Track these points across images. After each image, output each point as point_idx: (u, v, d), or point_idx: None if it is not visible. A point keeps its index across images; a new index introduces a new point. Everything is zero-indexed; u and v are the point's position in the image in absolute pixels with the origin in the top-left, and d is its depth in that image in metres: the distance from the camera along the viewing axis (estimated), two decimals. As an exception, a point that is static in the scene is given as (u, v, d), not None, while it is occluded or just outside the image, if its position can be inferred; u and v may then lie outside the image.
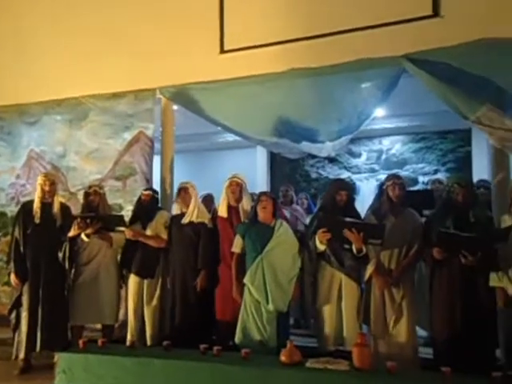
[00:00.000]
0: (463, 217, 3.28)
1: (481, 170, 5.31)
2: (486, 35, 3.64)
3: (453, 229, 3.24)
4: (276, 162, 7.45)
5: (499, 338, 3.30)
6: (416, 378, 2.88)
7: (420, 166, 6.76)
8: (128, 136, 4.85)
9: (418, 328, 3.55)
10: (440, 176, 6.23)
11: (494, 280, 3.12)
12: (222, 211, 3.96)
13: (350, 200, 3.71)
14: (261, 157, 7.37)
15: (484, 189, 4.18)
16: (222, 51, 4.64)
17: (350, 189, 3.81)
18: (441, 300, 3.33)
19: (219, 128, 4.81)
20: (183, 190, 4.05)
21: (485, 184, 4.27)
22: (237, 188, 3.91)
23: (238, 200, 3.94)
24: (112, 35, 5.11)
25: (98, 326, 4.21)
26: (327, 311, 3.58)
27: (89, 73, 5.14)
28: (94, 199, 4.09)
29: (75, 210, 4.31)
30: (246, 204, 3.94)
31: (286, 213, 4.86)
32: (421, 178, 6.70)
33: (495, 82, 3.54)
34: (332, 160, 7.11)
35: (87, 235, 3.95)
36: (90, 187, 4.17)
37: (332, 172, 7.24)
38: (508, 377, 2.69)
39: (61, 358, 3.33)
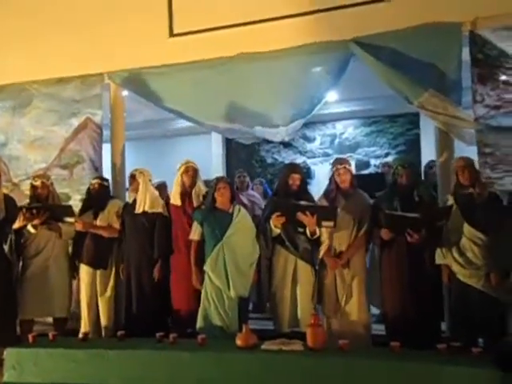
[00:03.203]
0: (408, 197, 3.41)
1: (429, 151, 5.49)
2: (431, 20, 3.73)
3: (400, 209, 3.36)
4: (231, 147, 7.42)
5: (444, 312, 3.46)
6: (367, 354, 2.98)
7: (372, 149, 6.92)
8: (75, 123, 4.68)
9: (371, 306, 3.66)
10: (391, 159, 6.42)
11: (440, 257, 3.27)
12: (176, 199, 3.91)
13: (303, 184, 3.75)
14: (216, 143, 7.32)
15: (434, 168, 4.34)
16: (172, 35, 4.54)
17: (302, 172, 3.83)
18: (390, 278, 3.46)
19: (172, 114, 4.73)
20: (132, 178, 3.98)
21: (435, 164, 4.43)
22: (194, 173, 3.89)
23: (192, 186, 3.90)
24: (57, 18, 4.90)
25: (50, 319, 4.09)
26: (282, 294, 3.62)
27: (32, 57, 4.92)
28: (41, 192, 3.96)
29: (19, 201, 4.10)
30: (199, 190, 3.92)
31: (243, 198, 4.87)
32: (373, 161, 6.87)
33: (438, 67, 3.65)
34: (287, 145, 7.15)
35: (34, 226, 3.81)
36: (35, 179, 4.00)
37: (287, 157, 7.29)
38: (452, 348, 2.82)
39: (9, 354, 3.23)
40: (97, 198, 4.04)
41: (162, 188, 4.89)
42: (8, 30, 5.04)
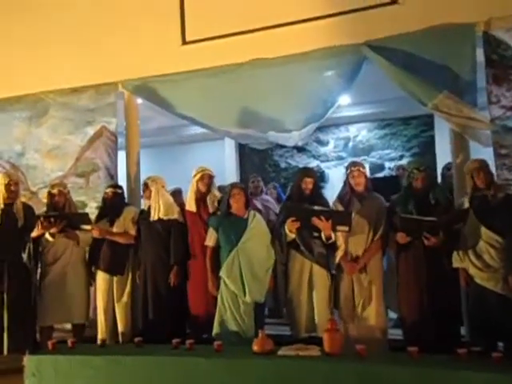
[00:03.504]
0: (424, 200, 3.38)
1: (444, 153, 5.42)
2: (444, 21, 3.71)
3: (415, 212, 3.33)
4: (245, 153, 7.44)
5: (463, 316, 3.41)
6: (385, 360, 2.95)
7: (386, 152, 6.87)
8: (90, 131, 4.74)
9: (389, 310, 3.63)
10: (405, 161, 6.36)
11: (457, 260, 3.22)
12: (191, 205, 3.93)
13: (316, 187, 3.73)
14: (229, 148, 7.34)
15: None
16: (184, 42, 4.58)
17: (315, 176, 3.82)
18: (407, 282, 3.42)
19: (186, 121, 4.76)
20: (145, 185, 4.03)
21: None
22: (209, 181, 3.91)
23: (207, 193, 3.93)
24: (70, 28, 4.97)
25: (69, 326, 4.14)
26: (299, 299, 3.61)
27: (47, 68, 5.00)
28: (59, 200, 4.02)
29: (37, 209, 4.18)
30: (214, 196, 3.94)
31: (258, 203, 4.88)
32: (387, 164, 6.81)
33: (452, 68, 3.62)
34: (301, 149, 7.13)
35: (52, 235, 3.87)
36: (53, 187, 4.08)
37: (301, 161, 7.27)
38: (472, 353, 2.78)
39: (30, 361, 3.26)
40: (111, 206, 4.09)
41: (177, 194, 4.93)
42: (22, 41, 5.13)
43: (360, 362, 2.84)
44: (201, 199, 3.93)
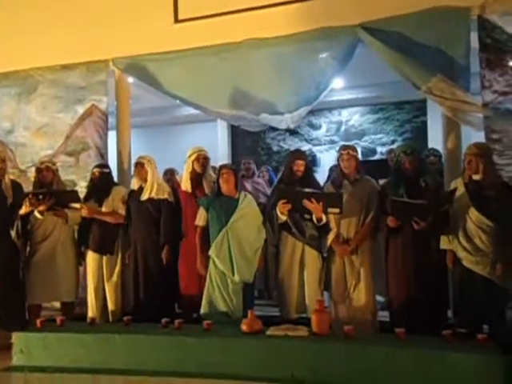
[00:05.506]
0: (414, 183, 3.39)
1: (436, 138, 5.44)
2: (440, 4, 3.67)
3: (405, 195, 3.34)
4: (237, 135, 7.41)
5: (449, 298, 3.46)
6: (372, 340, 2.99)
7: (378, 136, 6.88)
8: (80, 109, 4.68)
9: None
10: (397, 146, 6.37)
11: (445, 242, 3.25)
12: (186, 186, 3.92)
13: (308, 170, 3.73)
14: (222, 130, 7.31)
15: (434, 157, 4.32)
16: (177, 21, 4.51)
17: (307, 158, 3.81)
18: (396, 265, 3.45)
19: (178, 101, 4.71)
20: (139, 165, 3.99)
21: (434, 152, 4.42)
22: (205, 161, 3.90)
23: (202, 173, 3.92)
24: (61, 4, 4.87)
25: (58, 304, 4.13)
26: (290, 280, 3.62)
27: (37, 44, 4.89)
28: (46, 175, 3.97)
29: (26, 187, 4.13)
30: (210, 177, 3.93)
31: (248, 185, 4.87)
32: (379, 149, 6.83)
33: (446, 52, 3.60)
34: (293, 132, 7.13)
35: (40, 212, 3.82)
36: (41, 163, 4.04)
37: (293, 144, 7.26)
38: (457, 334, 2.83)
39: (18, 338, 3.28)
40: (99, 186, 4.06)
41: (170, 174, 4.91)
42: (13, 16, 5.02)
43: (347, 342, 2.89)
44: (196, 180, 3.91)
